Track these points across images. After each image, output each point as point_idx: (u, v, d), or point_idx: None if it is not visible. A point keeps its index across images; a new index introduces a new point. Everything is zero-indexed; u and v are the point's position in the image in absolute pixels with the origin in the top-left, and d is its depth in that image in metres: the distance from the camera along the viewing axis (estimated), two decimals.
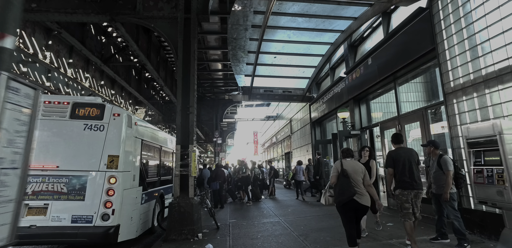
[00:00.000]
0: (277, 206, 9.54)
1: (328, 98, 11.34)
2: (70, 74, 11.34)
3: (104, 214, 4.41)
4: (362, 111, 9.34)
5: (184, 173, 6.01)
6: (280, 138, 21.71)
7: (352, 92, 9.18)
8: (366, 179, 3.72)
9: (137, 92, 15.08)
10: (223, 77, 17.53)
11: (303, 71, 12.08)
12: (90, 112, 4.82)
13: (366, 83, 8.15)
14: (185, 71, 6.48)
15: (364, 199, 3.58)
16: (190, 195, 5.90)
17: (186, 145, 6.14)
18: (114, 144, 4.74)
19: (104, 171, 4.58)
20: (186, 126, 6.25)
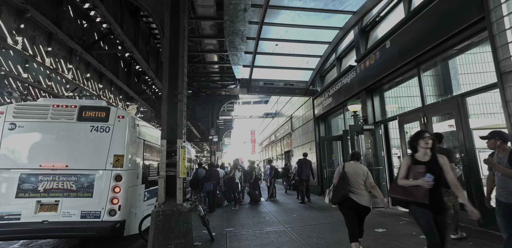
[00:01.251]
0: (280, 211, 8.48)
1: (335, 90, 10.29)
2: (49, 64, 10.18)
3: (111, 210, 4.74)
4: (376, 103, 8.31)
5: (170, 174, 4.92)
6: (280, 136, 20.66)
7: (364, 82, 8.14)
8: (368, 181, 3.92)
9: (126, 86, 13.93)
10: (219, 70, 16.43)
11: (307, 61, 11.02)
12: (96, 115, 5.14)
13: (382, 70, 7.12)
14: (172, 50, 5.39)
15: (363, 199, 3.80)
16: (178, 201, 4.81)
17: (173, 140, 5.06)
18: (119, 144, 5.07)
19: (110, 170, 4.90)
20: (173, 116, 5.17)
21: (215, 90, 20.45)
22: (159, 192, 4.83)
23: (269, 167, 12.28)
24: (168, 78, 5.29)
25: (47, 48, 10.16)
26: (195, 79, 18.06)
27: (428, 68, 6.26)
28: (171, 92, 5.25)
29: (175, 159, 4.98)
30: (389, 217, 6.42)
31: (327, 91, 11.16)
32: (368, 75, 7.89)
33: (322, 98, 11.81)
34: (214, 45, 13.15)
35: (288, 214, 7.76)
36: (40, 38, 9.80)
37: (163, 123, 5.13)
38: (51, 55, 10.34)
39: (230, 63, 11.47)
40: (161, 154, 4.99)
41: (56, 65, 10.72)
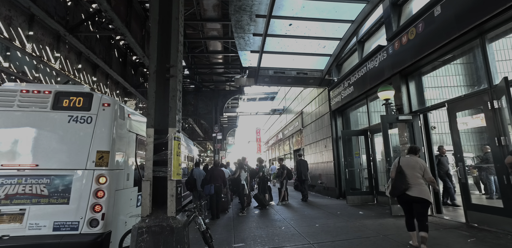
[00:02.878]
0: (296, 218, 7.12)
1: (358, 77, 8.89)
2: (30, 50, 8.91)
3: (93, 220, 3.88)
4: (412, 89, 6.91)
5: (159, 175, 3.59)
6: (288, 133, 19.28)
7: (398, 64, 6.75)
8: (427, 175, 4.09)
9: (122, 78, 12.67)
10: (223, 61, 15.11)
11: (323, 45, 9.65)
12: (75, 102, 4.26)
13: (427, 45, 5.71)
14: (164, 9, 4.06)
15: (416, 191, 3.99)
16: (169, 213, 3.47)
17: (164, 129, 3.73)
18: (103, 138, 4.19)
19: (92, 170, 4.04)
20: (163, 97, 3.84)
21: (219, 85, 19.14)
22: (143, 200, 3.50)
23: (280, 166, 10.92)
24: (158, 46, 3.96)
25: (28, 32, 8.90)
26: (198, 72, 16.76)
27: (498, 37, 4.86)
28: (161, 65, 3.92)
29: (165, 154, 3.65)
30: (445, 231, 5.03)
31: (347, 80, 9.76)
32: (405, 55, 6.50)
33: (340, 89, 10.42)
34: (218, 31, 11.82)
35: (308, 223, 6.40)
36: (19, 20, 8.52)
37: (150, 106, 3.80)
38: (34, 40, 9.07)
39: (236, 48, 10.15)
40: (146, 148, 3.66)
41: (40, 53, 9.45)
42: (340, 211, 7.80)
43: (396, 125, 6.77)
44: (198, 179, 9.08)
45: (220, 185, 7.91)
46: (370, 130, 8.99)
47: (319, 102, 12.64)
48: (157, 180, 3.62)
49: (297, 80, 11.13)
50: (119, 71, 12.32)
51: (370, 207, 8.11)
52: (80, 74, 12.28)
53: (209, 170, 8.45)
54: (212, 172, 8.14)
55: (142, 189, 3.53)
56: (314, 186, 13.79)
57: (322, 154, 12.38)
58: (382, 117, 6.68)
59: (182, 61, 4.21)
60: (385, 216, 6.48)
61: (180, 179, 3.84)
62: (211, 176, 7.99)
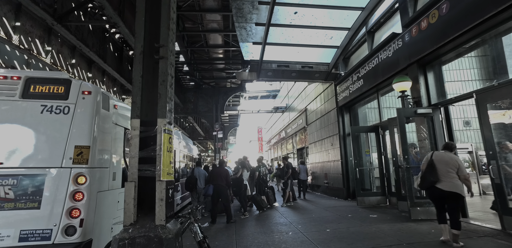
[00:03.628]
0: (304, 221, 6.50)
1: (368, 70, 8.27)
2: (17, 42, 8.35)
3: (69, 227, 3.30)
4: (430, 80, 6.28)
5: (146, 175, 3.00)
6: (291, 132, 18.67)
7: (416, 52, 6.13)
8: (461, 173, 3.99)
9: (118, 73, 12.09)
10: (224, 56, 14.50)
11: (331, 36, 9.04)
12: (50, 90, 3.71)
13: (455, 27, 5.06)
14: None
15: (448, 185, 3.94)
16: (158, 220, 2.87)
17: (152, 120, 3.14)
18: (83, 131, 3.63)
19: (69, 168, 3.46)
20: (151, 82, 3.24)
21: (219, 81, 18.55)
22: (125, 206, 2.89)
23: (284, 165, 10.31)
24: (145, 22, 3.35)
25: (14, 22, 8.33)
26: (197, 68, 16.17)
27: None
28: (149, 45, 3.32)
29: (153, 150, 3.06)
30: (480, 240, 4.41)
31: (355, 73, 9.14)
32: (424, 42, 5.87)
33: (347, 83, 9.80)
34: (218, 23, 11.21)
35: (318, 227, 5.79)
36: (4, 9, 7.96)
37: (135, 93, 3.20)
38: (21, 32, 8.50)
39: (238, 41, 9.56)
40: (130, 142, 3.06)
41: (29, 46, 8.88)
42: (351, 213, 7.18)
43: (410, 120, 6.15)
44: (199, 178, 8.54)
45: (221, 185, 7.21)
46: (381, 126, 8.37)
47: (325, 98, 12.02)
48: (144, 181, 3.03)
49: (302, 74, 10.51)
50: (114, 66, 11.75)
51: (383, 209, 7.49)
52: (74, 70, 11.70)
53: (212, 169, 7.78)
54: (212, 171, 7.54)
55: (125, 192, 2.93)
56: (319, 186, 13.18)
57: (328, 153, 11.77)
58: (398, 110, 6.05)
59: (175, 43, 3.61)
60: (402, 220, 5.86)
61: (172, 179, 3.24)
62: (211, 176, 7.38)
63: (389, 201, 8.02)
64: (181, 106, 18.26)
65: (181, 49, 13.02)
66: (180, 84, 17.93)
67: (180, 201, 9.35)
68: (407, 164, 5.78)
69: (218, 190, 7.06)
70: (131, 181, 2.94)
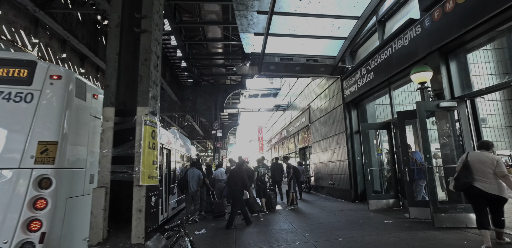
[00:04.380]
0: (312, 228, 5.84)
1: (380, 61, 7.62)
2: None
3: (25, 243, 2.58)
4: (453, 70, 5.62)
5: (121, 179, 2.35)
6: (293, 130, 18.01)
7: (439, 39, 5.47)
8: (498, 170, 3.74)
9: None
10: (223, 51, 13.85)
11: (338, 26, 8.38)
12: (9, 73, 3.00)
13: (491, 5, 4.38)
14: None
15: (490, 188, 3.73)
16: (135, 238, 2.21)
17: (130, 110, 2.50)
18: (49, 123, 2.92)
19: (30, 168, 2.76)
20: (131, 61, 2.60)
21: (219, 78, 17.89)
22: (92, 219, 2.24)
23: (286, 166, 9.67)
24: None
25: None
26: (196, 64, 15.51)
27: None
28: (128, 15, 2.67)
29: (131, 147, 2.41)
30: None
31: (365, 65, 8.48)
32: (449, 26, 5.21)
33: (356, 77, 9.15)
34: (217, 14, 10.55)
35: (328, 236, 5.14)
36: None
37: (109, 74, 2.55)
38: (3, 22, 7.86)
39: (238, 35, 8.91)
40: (101, 136, 2.41)
41: (12, 37, 8.22)
42: (363, 218, 6.52)
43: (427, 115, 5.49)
44: (191, 181, 7.87)
45: (235, 188, 6.55)
46: (394, 123, 7.72)
47: (330, 94, 11.37)
48: (118, 186, 2.38)
49: (306, 68, 9.85)
50: None
51: (397, 214, 6.83)
52: (65, 64, 11.06)
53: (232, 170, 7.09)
54: (231, 172, 6.96)
55: (92, 201, 2.27)
56: (324, 188, 12.53)
57: (333, 152, 11.11)
58: (418, 104, 5.39)
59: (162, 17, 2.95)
60: (424, 228, 5.20)
61: (156, 184, 2.57)
62: (229, 177, 6.86)
63: (403, 205, 7.37)
64: (179, 104, 17.61)
65: (179, 43, 12.36)
66: (178, 81, 17.28)
67: (175, 205, 8.70)
68: (429, 165, 5.13)
69: (233, 193, 6.61)
70: (101, 186, 2.29)
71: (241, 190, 6.60)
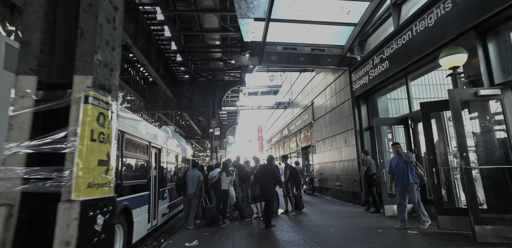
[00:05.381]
0: (323, 240, 4.94)
1: (397, 47, 6.73)
2: None
3: None
4: (493, 52, 4.73)
5: (42, 191, 1.43)
6: (295, 129, 17.13)
7: (476, 14, 4.59)
8: None
9: None
10: (221, 44, 12.95)
11: (348, 10, 7.50)
12: None
13: None
14: None
15: None
16: None
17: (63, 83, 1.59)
18: None
19: None
20: (67, 6, 1.69)
21: (217, 74, 16.99)
22: None
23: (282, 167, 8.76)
24: None
25: None
26: (192, 58, 14.62)
27: None
28: None
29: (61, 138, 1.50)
30: None
31: (378, 54, 7.60)
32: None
33: (367, 68, 8.26)
34: (213, 0, 9.64)
35: None
36: None
37: (29, 25, 1.63)
38: None
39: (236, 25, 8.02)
40: (11, 122, 1.50)
41: None
42: (381, 227, 5.63)
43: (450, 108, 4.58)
44: (190, 183, 7.06)
45: (268, 185, 6.31)
46: (412, 117, 6.84)
47: (337, 88, 10.48)
48: (41, 201, 1.46)
49: (311, 58, 8.96)
50: None
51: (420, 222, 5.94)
52: None
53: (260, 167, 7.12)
54: (260, 169, 6.81)
55: None
56: (329, 189, 11.65)
57: (340, 151, 10.23)
58: (452, 92, 4.50)
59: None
60: (462, 243, 4.27)
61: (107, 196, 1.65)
62: (258, 174, 6.65)
63: None
64: (174, 101, 16.71)
65: (172, 33, 11.47)
66: (173, 76, 16.38)
67: (167, 210, 7.81)
68: (466, 165, 4.24)
69: (265, 191, 6.40)
70: (2, 204, 1.37)
71: (274, 187, 6.44)
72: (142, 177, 5.84)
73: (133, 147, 5.41)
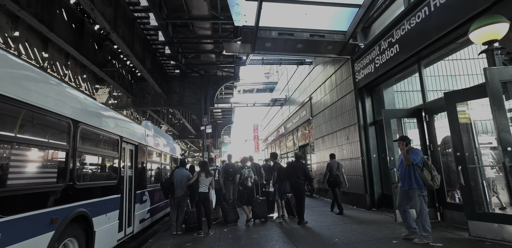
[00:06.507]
0: None
1: (411, 27, 5.82)
2: None
3: None
4: None
5: None
6: (292, 127, 16.22)
7: None
8: None
9: (76, 50, 9.50)
10: (212, 34, 11.98)
11: None
12: None
13: None
14: None
15: None
16: None
17: None
18: None
19: None
20: None
21: (209, 69, 16.03)
22: None
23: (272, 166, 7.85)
24: None
25: None
26: (181, 51, 13.63)
27: None
28: None
29: None
30: None
31: (387, 38, 6.70)
32: None
33: (372, 55, 7.37)
34: None
35: None
36: None
37: None
38: None
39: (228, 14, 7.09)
40: None
41: None
42: (395, 237, 4.72)
43: None
44: (177, 184, 6.21)
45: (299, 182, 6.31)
46: (426, 109, 5.96)
47: (337, 80, 9.58)
48: None
49: (310, 45, 8.05)
50: (70, 40, 9.16)
51: (439, 229, 5.06)
52: (19, 45, 9.17)
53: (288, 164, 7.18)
54: (288, 166, 6.80)
55: None
56: (329, 191, 10.73)
57: (341, 149, 9.33)
58: (489, 71, 3.60)
59: None
60: None
61: None
62: (287, 171, 6.57)
63: (443, 216, 5.59)
64: (164, 97, 15.73)
65: (159, 21, 10.49)
66: (162, 71, 15.39)
67: (147, 215, 6.85)
68: (510, 161, 3.34)
69: (295, 188, 6.35)
70: None
71: (304, 184, 6.44)
72: (109, 178, 4.88)
73: (95, 141, 4.45)
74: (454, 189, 5.87)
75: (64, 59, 12.12)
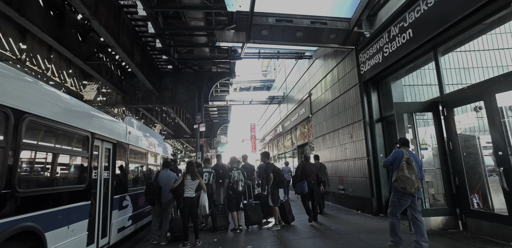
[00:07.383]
0: None
1: (428, 8, 5.07)
2: None
3: None
4: None
5: None
6: (290, 125, 15.47)
7: None
8: None
9: (55, 40, 8.69)
10: (205, 26, 11.20)
11: None
12: None
13: None
14: None
15: None
16: None
17: None
18: None
19: None
20: None
21: (203, 64, 15.24)
22: None
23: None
24: None
25: None
26: (173, 44, 12.83)
27: None
28: None
29: None
30: None
31: (397, 23, 5.96)
32: None
33: (380, 43, 6.63)
34: None
35: None
36: None
37: None
38: None
39: None
40: None
41: None
42: None
43: None
44: (164, 187, 5.42)
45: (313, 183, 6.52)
46: (444, 102, 5.23)
47: (340, 73, 8.84)
48: None
49: (310, 33, 7.30)
50: (47, 28, 8.34)
51: (463, 240, 4.32)
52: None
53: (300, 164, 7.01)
54: (304, 166, 6.67)
55: None
56: (329, 194, 10.00)
57: (344, 148, 8.59)
58: None
59: None
60: None
61: None
62: (303, 172, 6.53)
63: (465, 226, 4.85)
64: (156, 94, 14.92)
65: (147, 10, 9.69)
66: (154, 66, 14.59)
67: (128, 223, 6.05)
68: None
69: (312, 188, 6.50)
70: None
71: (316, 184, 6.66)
72: (74, 182, 4.10)
73: (52, 138, 3.67)
74: (472, 192, 5.16)
75: (47, 52, 11.30)
